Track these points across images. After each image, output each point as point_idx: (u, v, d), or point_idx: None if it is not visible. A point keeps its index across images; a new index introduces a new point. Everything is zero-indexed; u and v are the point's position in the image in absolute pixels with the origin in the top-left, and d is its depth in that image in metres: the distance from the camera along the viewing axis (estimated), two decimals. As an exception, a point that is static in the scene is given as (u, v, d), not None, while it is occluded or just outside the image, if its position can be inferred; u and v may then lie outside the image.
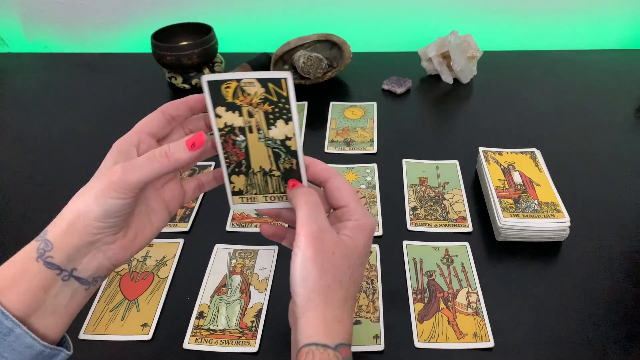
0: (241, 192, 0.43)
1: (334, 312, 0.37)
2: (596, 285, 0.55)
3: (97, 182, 0.36)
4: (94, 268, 0.38)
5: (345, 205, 0.41)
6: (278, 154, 0.41)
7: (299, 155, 0.41)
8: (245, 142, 0.40)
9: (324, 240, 0.38)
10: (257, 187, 0.43)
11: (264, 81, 0.38)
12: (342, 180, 0.42)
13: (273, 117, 0.39)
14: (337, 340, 0.36)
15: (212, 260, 0.59)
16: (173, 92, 0.94)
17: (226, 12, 1.05)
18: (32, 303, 0.35)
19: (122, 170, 0.36)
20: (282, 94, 0.38)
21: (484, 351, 0.49)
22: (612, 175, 0.70)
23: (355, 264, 0.39)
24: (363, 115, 0.84)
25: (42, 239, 0.36)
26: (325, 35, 0.94)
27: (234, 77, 0.37)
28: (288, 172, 0.42)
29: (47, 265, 0.35)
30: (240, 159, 0.41)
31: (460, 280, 0.56)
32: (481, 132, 0.80)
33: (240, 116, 0.39)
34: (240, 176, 0.42)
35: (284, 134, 0.40)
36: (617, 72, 0.96)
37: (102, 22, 1.09)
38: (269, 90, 0.38)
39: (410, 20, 1.05)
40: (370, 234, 0.40)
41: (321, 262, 0.37)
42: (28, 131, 0.84)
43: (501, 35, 1.06)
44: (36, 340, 0.35)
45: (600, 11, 1.03)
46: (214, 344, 0.50)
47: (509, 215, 0.58)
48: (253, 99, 0.38)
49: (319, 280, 0.37)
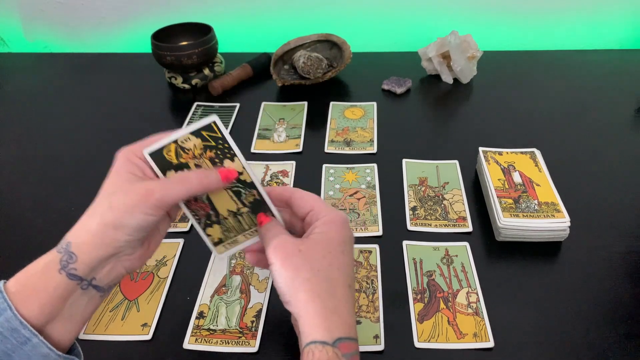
0: (221, 241, 0.45)
1: (325, 303, 0.37)
2: (596, 285, 0.55)
3: (126, 196, 0.36)
4: (112, 277, 0.39)
5: (311, 209, 0.42)
6: (238, 191, 0.42)
7: (257, 184, 0.42)
8: (205, 193, 0.42)
9: (286, 246, 0.39)
10: (233, 230, 0.44)
11: (198, 132, 0.39)
12: (303, 191, 0.44)
13: (218, 160, 0.41)
14: (336, 334, 0.36)
15: (212, 260, 0.59)
16: (173, 92, 0.94)
17: (226, 12, 1.05)
18: (51, 312, 0.36)
19: (159, 187, 0.37)
20: (217, 136, 0.40)
21: (484, 351, 0.49)
22: (612, 175, 0.70)
23: (332, 252, 0.39)
24: (363, 115, 0.84)
25: (65, 251, 0.36)
26: (325, 35, 0.94)
27: (170, 139, 0.39)
28: (254, 204, 0.43)
29: (69, 277, 0.36)
30: (207, 211, 0.43)
31: (460, 280, 0.56)
32: (481, 132, 0.80)
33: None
34: (214, 226, 0.44)
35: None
36: (617, 72, 0.96)
37: (102, 22, 1.09)
38: (205, 138, 0.40)
39: (410, 20, 1.05)
40: (342, 225, 0.41)
41: (291, 263, 0.38)
42: (28, 131, 0.84)
43: (501, 35, 1.06)
44: (52, 350, 0.35)
45: (600, 11, 1.03)
46: (214, 344, 0.50)
47: (508, 215, 0.58)
48: (195, 152, 0.40)
49: (296, 279, 0.38)
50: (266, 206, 0.43)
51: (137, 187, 0.37)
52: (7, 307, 0.34)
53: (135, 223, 0.36)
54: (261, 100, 0.89)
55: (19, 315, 0.34)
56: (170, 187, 0.37)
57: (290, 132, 0.81)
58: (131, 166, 0.38)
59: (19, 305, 0.34)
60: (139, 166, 0.39)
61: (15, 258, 0.60)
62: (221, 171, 0.40)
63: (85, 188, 0.68)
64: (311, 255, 0.39)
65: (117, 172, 0.38)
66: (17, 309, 0.34)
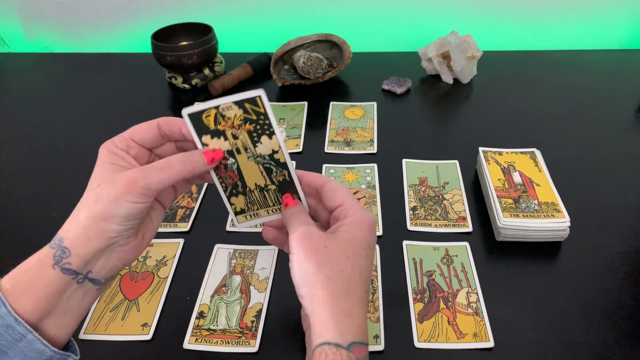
0: (243, 211, 0.44)
1: (340, 304, 0.37)
2: (596, 285, 0.55)
3: (111, 186, 0.36)
4: (108, 269, 0.38)
5: (341, 204, 0.42)
6: (269, 168, 0.42)
7: (289, 165, 0.42)
8: (236, 163, 0.42)
9: (312, 237, 0.39)
10: (257, 203, 0.44)
11: (241, 103, 0.39)
12: (336, 183, 0.43)
13: (256, 134, 0.40)
14: (349, 338, 0.36)
15: (212, 260, 0.59)
16: (173, 92, 0.94)
17: (226, 12, 1.05)
18: (46, 307, 0.36)
19: (142, 174, 0.36)
20: (260, 111, 0.39)
21: (484, 351, 0.49)
22: (612, 175, 0.70)
23: (356, 254, 0.39)
24: (363, 115, 0.84)
25: (57, 246, 0.36)
26: (325, 35, 0.94)
27: (212, 104, 0.39)
28: (282, 184, 0.43)
29: (64, 272, 0.36)
30: (235, 181, 0.43)
31: (460, 280, 0.56)
32: (481, 132, 0.80)
33: (226, 140, 0.40)
34: (239, 196, 0.44)
35: (271, 149, 0.41)
36: (617, 72, 0.96)
37: (102, 22, 1.09)
38: (247, 110, 0.39)
39: (410, 20, 1.05)
40: (369, 227, 0.41)
41: (315, 257, 0.38)
42: (28, 131, 0.84)
43: (501, 35, 1.06)
44: (47, 346, 0.35)
45: (600, 11, 1.03)
46: (214, 344, 0.50)
47: (508, 215, 0.58)
48: (234, 122, 0.40)
49: (317, 274, 0.37)
50: (294, 188, 0.43)
51: (121, 177, 0.36)
52: (1, 304, 0.34)
53: (123, 212, 0.36)
54: (261, 100, 0.89)
55: (13, 312, 0.34)
56: (153, 173, 0.37)
57: (290, 132, 0.81)
58: (113, 157, 0.38)
59: (13, 302, 0.34)
60: (120, 156, 0.38)
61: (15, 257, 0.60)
62: (206, 153, 0.39)
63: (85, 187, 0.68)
64: (336, 254, 0.38)
65: (100, 164, 0.38)
66: (11, 305, 0.34)
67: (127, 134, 0.40)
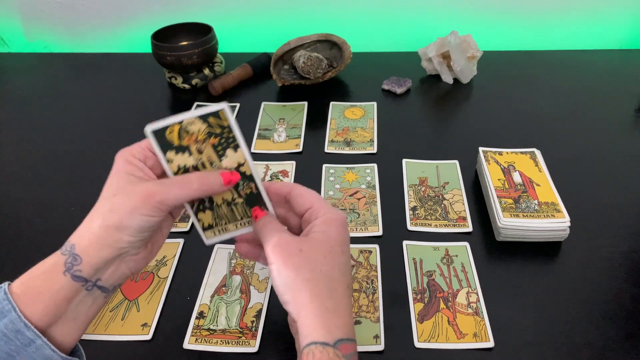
0: (211, 227, 0.44)
1: (324, 304, 0.37)
2: (596, 285, 0.55)
3: (127, 197, 0.36)
4: (116, 277, 0.39)
5: (310, 206, 0.42)
6: (236, 182, 0.42)
7: (256, 177, 0.42)
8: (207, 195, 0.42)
9: (286, 244, 0.39)
10: (225, 218, 0.44)
11: (204, 117, 0.39)
12: (303, 187, 0.44)
13: (221, 148, 0.40)
14: (336, 335, 0.36)
15: (212, 260, 0.59)
16: (173, 92, 0.94)
17: (226, 12, 1.05)
18: (55, 313, 0.36)
19: (159, 189, 0.37)
20: (224, 124, 0.39)
21: (484, 351, 0.49)
22: (612, 175, 0.70)
23: (332, 252, 0.39)
24: (363, 115, 0.84)
25: (69, 253, 0.36)
26: (325, 35, 0.94)
27: (175, 120, 0.39)
28: (250, 196, 0.43)
29: (74, 279, 0.36)
30: None
31: (460, 280, 0.56)
32: (481, 132, 0.79)
33: (190, 155, 0.40)
34: (206, 212, 0.43)
35: (236, 162, 0.41)
36: (617, 72, 0.96)
37: (102, 22, 1.09)
38: (211, 124, 0.39)
39: (410, 20, 1.05)
40: (341, 225, 0.41)
41: (292, 263, 0.38)
42: (28, 131, 0.84)
43: (501, 35, 1.06)
44: (55, 352, 0.35)
45: (600, 11, 1.03)
46: (214, 344, 0.50)
47: (509, 215, 0.58)
48: (198, 136, 0.39)
49: (297, 279, 0.37)
50: (262, 200, 0.43)
51: (138, 189, 0.37)
52: (11, 309, 0.34)
53: (137, 224, 0.36)
54: (261, 100, 0.89)
55: (23, 317, 0.34)
56: (171, 189, 0.37)
57: (290, 132, 0.81)
58: (130, 167, 0.38)
59: (23, 307, 0.35)
60: (138, 167, 0.38)
61: (15, 258, 0.60)
62: (224, 174, 0.40)
63: (85, 188, 0.69)
64: (312, 255, 0.38)
65: (117, 173, 0.38)
66: (21, 310, 0.34)
67: (145, 144, 0.40)
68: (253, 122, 0.83)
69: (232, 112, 0.39)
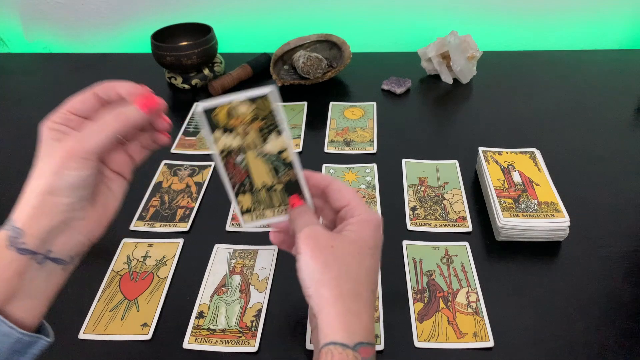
0: (249, 211, 0.45)
1: (348, 305, 0.37)
2: (596, 285, 0.55)
3: (51, 159, 0.35)
4: (71, 246, 0.38)
5: (347, 204, 0.42)
6: (277, 167, 0.43)
7: (296, 165, 0.43)
8: (245, 160, 0.42)
9: (318, 237, 0.39)
10: (263, 203, 0.44)
11: (252, 99, 0.40)
12: (342, 183, 0.43)
13: (266, 131, 0.41)
14: (356, 338, 0.36)
15: (212, 260, 0.59)
16: (173, 92, 0.94)
17: (226, 12, 1.05)
18: (8, 290, 0.35)
19: (76, 140, 0.36)
20: (270, 108, 0.40)
21: (484, 351, 0.49)
22: (612, 175, 0.70)
23: (362, 254, 0.39)
24: (363, 116, 0.84)
25: (10, 228, 0.35)
26: (325, 36, 0.94)
27: (225, 100, 0.39)
28: (289, 184, 0.43)
29: (20, 252, 0.35)
30: (242, 179, 0.43)
31: (460, 280, 0.56)
32: (481, 132, 0.80)
33: (236, 137, 0.41)
34: (246, 195, 0.44)
35: (278, 147, 0.42)
36: (617, 72, 0.96)
37: (102, 22, 1.09)
38: (258, 107, 0.40)
39: (410, 20, 1.05)
40: (375, 227, 0.41)
41: (321, 257, 0.38)
42: (28, 131, 0.84)
43: (501, 35, 1.06)
44: (13, 328, 0.34)
45: (600, 11, 1.03)
46: (214, 344, 0.50)
47: (508, 215, 0.58)
48: (245, 118, 0.40)
49: (324, 274, 0.37)
50: (300, 189, 0.44)
51: (57, 147, 0.36)
52: None
53: (68, 182, 0.35)
54: (261, 100, 0.89)
55: None
56: (89, 136, 0.36)
57: (290, 132, 0.81)
58: (51, 132, 0.37)
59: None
60: (60, 130, 0.37)
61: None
62: (136, 100, 0.38)
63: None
64: (342, 254, 0.38)
65: (41, 142, 0.37)
66: None
67: (64, 108, 0.38)
68: (253, 122, 0.83)
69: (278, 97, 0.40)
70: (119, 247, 0.61)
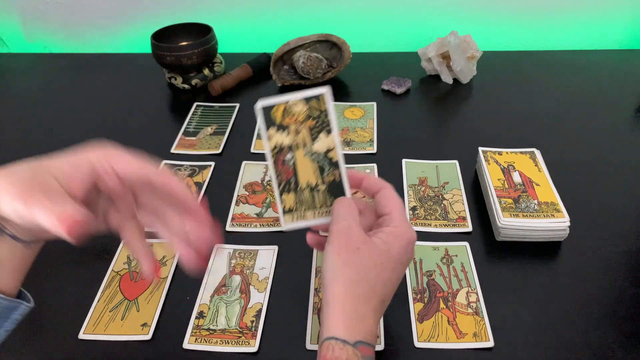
0: (291, 211, 0.45)
1: (356, 307, 0.37)
2: (596, 285, 0.55)
3: (29, 190, 0.34)
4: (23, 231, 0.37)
5: (389, 213, 0.42)
6: (322, 167, 0.43)
7: (341, 165, 0.43)
8: (293, 159, 0.43)
9: (350, 236, 0.39)
10: (305, 204, 0.45)
11: (307, 99, 0.42)
12: (393, 191, 0.44)
13: (316, 130, 0.42)
14: (357, 337, 0.36)
15: (212, 260, 0.59)
16: (173, 92, 0.94)
17: (226, 12, 1.05)
18: None
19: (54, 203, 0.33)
20: (322, 108, 0.42)
21: (484, 351, 0.49)
22: (612, 175, 0.70)
23: (384, 265, 0.39)
24: (363, 116, 0.84)
25: None
26: (325, 36, 0.94)
27: (283, 99, 0.42)
28: (332, 185, 0.44)
29: None
30: (289, 177, 0.44)
31: (460, 280, 0.56)
32: (481, 132, 0.79)
33: (288, 135, 0.42)
34: (290, 194, 0.44)
35: (326, 146, 0.43)
36: (617, 72, 0.96)
37: (102, 22, 1.09)
38: (311, 107, 0.42)
39: (410, 20, 1.05)
40: (407, 243, 0.41)
41: (345, 255, 0.38)
42: (28, 131, 0.84)
43: (501, 35, 1.06)
44: None
45: (600, 11, 1.03)
46: (214, 344, 0.50)
47: (508, 215, 0.58)
48: (298, 117, 0.42)
49: (342, 272, 0.38)
50: (342, 190, 0.44)
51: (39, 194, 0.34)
52: None
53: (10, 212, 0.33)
54: (261, 101, 0.89)
55: None
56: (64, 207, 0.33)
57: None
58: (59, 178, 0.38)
59: None
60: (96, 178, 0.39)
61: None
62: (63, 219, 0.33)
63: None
64: (365, 258, 0.39)
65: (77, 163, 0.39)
66: None
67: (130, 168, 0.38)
68: (253, 123, 0.83)
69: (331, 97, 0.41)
70: (119, 247, 0.61)
